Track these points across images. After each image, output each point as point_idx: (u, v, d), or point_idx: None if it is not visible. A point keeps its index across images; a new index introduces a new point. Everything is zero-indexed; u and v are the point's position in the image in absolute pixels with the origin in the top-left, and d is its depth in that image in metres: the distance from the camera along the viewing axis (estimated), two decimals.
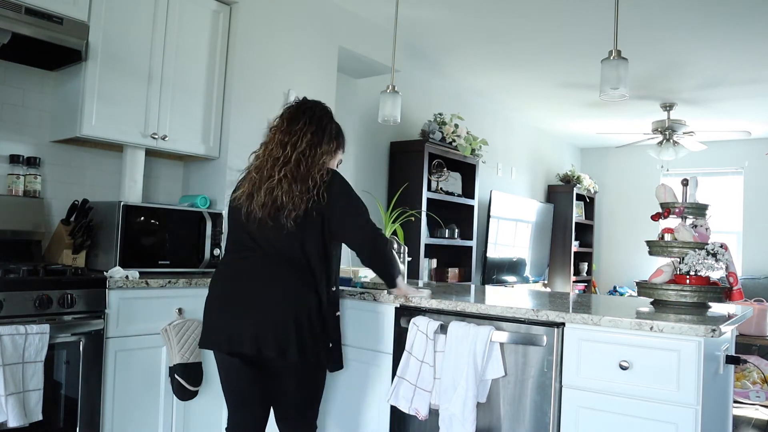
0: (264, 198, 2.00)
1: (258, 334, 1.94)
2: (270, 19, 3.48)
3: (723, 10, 3.79)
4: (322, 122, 2.13)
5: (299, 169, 2.01)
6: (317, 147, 2.07)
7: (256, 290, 2.00)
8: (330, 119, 2.18)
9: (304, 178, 2.00)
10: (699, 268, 2.29)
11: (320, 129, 2.11)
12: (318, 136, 2.09)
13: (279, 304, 1.96)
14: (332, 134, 2.15)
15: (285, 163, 2.02)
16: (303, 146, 2.05)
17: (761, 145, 7.26)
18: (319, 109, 2.17)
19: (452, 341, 2.03)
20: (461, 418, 1.96)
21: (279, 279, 1.99)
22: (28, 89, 2.83)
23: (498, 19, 4.15)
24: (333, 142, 2.15)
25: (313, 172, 2.02)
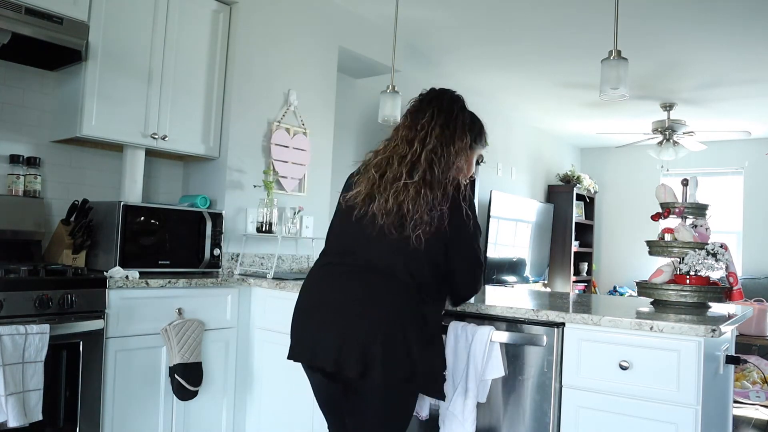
0: (390, 203, 1.72)
1: (341, 349, 1.67)
2: (270, 19, 3.48)
3: (723, 10, 3.79)
4: (452, 113, 1.83)
5: (433, 173, 1.73)
6: (445, 142, 1.78)
7: (347, 303, 1.73)
8: (461, 108, 1.87)
9: (429, 186, 1.72)
10: (699, 268, 2.29)
11: (451, 122, 1.81)
12: (447, 133, 1.79)
13: (370, 319, 1.69)
14: (465, 126, 1.84)
15: (413, 163, 1.75)
16: (431, 145, 1.76)
17: (761, 145, 7.26)
18: (447, 99, 1.88)
19: (452, 341, 2.03)
20: (461, 418, 1.96)
21: (378, 293, 1.72)
22: (28, 89, 2.83)
23: (498, 19, 4.15)
24: (466, 136, 1.84)
25: (441, 178, 1.73)
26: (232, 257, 3.25)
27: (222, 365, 2.80)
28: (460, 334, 2.03)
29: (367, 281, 1.74)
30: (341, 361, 1.67)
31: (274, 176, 3.41)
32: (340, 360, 1.67)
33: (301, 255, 3.62)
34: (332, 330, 1.71)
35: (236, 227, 3.28)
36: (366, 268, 1.76)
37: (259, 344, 2.86)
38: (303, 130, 3.65)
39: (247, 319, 2.91)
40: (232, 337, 2.85)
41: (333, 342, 1.69)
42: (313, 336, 1.76)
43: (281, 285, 2.73)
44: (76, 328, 2.27)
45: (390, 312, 1.70)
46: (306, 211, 3.46)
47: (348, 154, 4.75)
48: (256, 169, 3.37)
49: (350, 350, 1.67)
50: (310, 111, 3.72)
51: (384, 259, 1.75)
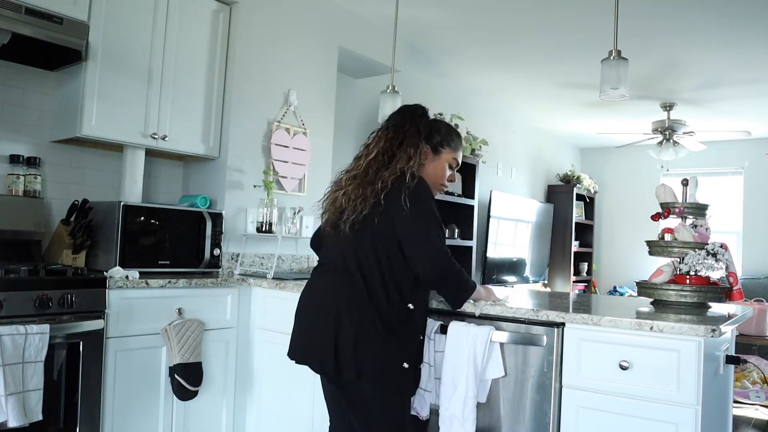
0: (330, 206, 1.95)
1: (306, 346, 1.91)
2: (270, 19, 3.48)
3: (723, 10, 3.79)
4: (402, 127, 1.95)
5: (366, 174, 1.89)
6: (393, 150, 1.90)
7: (311, 302, 1.95)
8: (414, 119, 1.98)
9: (369, 182, 1.86)
10: (699, 268, 2.29)
11: (400, 133, 1.94)
12: (396, 141, 1.92)
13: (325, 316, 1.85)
14: (419, 135, 1.94)
15: (354, 170, 1.94)
16: (373, 154, 1.92)
17: (761, 145, 7.26)
18: (402, 113, 2.01)
19: (452, 341, 2.03)
20: (461, 419, 1.95)
21: (329, 290, 1.89)
22: (28, 89, 2.83)
23: (498, 19, 4.15)
24: (420, 144, 1.94)
25: (383, 174, 1.86)
26: (232, 257, 3.25)
27: (222, 365, 2.80)
28: (460, 333, 2.03)
29: (328, 281, 1.94)
30: (307, 357, 1.89)
31: (274, 176, 3.41)
32: (306, 356, 1.89)
33: (301, 255, 3.62)
34: (306, 331, 1.92)
35: (236, 227, 3.28)
36: (325, 268, 1.99)
37: (259, 344, 2.86)
38: (303, 130, 3.65)
39: (247, 319, 2.91)
40: (232, 337, 2.85)
41: (306, 342, 1.91)
42: (300, 337, 1.96)
43: (281, 285, 2.73)
44: (76, 328, 2.27)
45: (339, 309, 1.83)
46: (306, 211, 3.46)
47: (348, 154, 4.73)
48: (256, 169, 3.37)
49: (315, 349, 1.86)
50: (310, 111, 3.72)
51: (339, 259, 1.92)
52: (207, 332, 2.71)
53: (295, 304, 2.69)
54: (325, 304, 1.88)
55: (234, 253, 3.26)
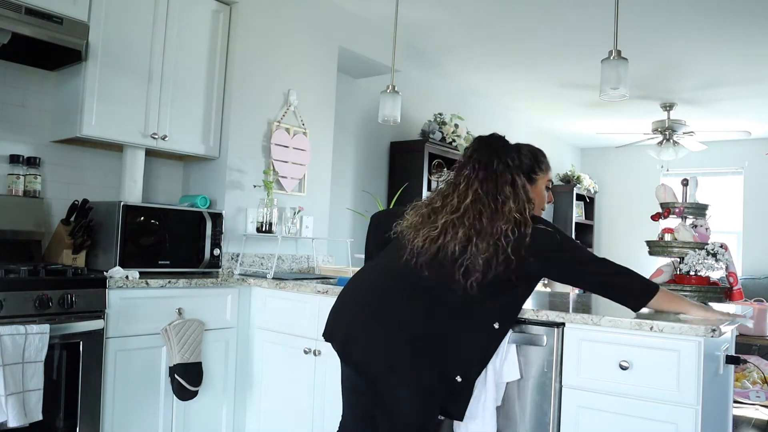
0: (429, 245, 1.80)
1: (367, 345, 1.80)
2: (270, 19, 3.48)
3: (723, 10, 3.79)
4: (492, 164, 1.85)
5: (481, 222, 1.77)
6: (490, 193, 1.81)
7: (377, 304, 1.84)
8: (500, 153, 1.88)
9: (487, 233, 1.75)
10: (699, 268, 2.29)
11: (491, 172, 1.84)
12: (490, 182, 1.82)
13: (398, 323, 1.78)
14: (510, 170, 1.86)
15: (451, 212, 1.81)
16: (470, 198, 1.80)
17: (761, 145, 7.26)
18: (485, 147, 1.89)
19: None
20: (481, 422, 1.93)
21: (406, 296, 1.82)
22: (28, 89, 2.83)
23: (498, 19, 4.15)
24: (517, 177, 1.86)
25: (497, 223, 1.76)
26: (232, 257, 3.25)
27: (222, 365, 2.80)
28: None
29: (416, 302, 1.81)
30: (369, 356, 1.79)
31: (274, 176, 3.41)
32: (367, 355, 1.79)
33: (301, 255, 3.62)
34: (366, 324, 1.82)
35: (236, 227, 3.28)
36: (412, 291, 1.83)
37: (259, 344, 2.86)
38: (303, 130, 3.65)
39: (247, 319, 2.91)
40: (232, 337, 2.85)
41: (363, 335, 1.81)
42: (348, 323, 1.86)
43: (281, 285, 2.73)
44: (76, 328, 2.27)
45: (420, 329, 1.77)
46: (306, 211, 3.46)
47: (348, 154, 4.75)
48: (256, 169, 3.37)
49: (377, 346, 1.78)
50: (310, 111, 3.72)
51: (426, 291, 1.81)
52: (207, 332, 2.71)
53: (295, 304, 2.69)
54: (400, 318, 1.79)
55: (234, 253, 3.26)
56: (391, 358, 1.77)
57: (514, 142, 1.99)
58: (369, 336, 1.81)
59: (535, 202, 1.97)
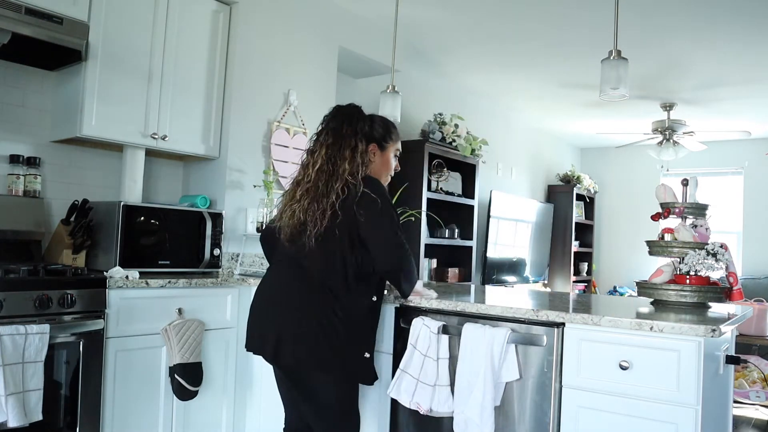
0: (288, 220, 2.02)
1: (263, 337, 2.02)
2: (270, 19, 3.48)
3: (723, 10, 3.79)
4: (340, 130, 2.03)
5: (317, 187, 1.98)
6: (335, 157, 1.99)
7: (271, 297, 2.06)
8: (352, 120, 2.06)
9: (322, 194, 1.96)
10: (699, 268, 2.29)
11: (338, 137, 2.02)
12: (336, 146, 2.01)
13: (282, 308, 2.01)
14: (358, 136, 2.03)
15: (305, 181, 2.01)
16: (318, 163, 2.00)
17: (761, 145, 7.26)
18: (339, 115, 2.08)
19: (467, 343, 2.02)
20: (479, 422, 1.93)
21: (288, 282, 2.02)
22: (28, 89, 2.83)
23: (498, 19, 4.15)
24: (361, 143, 2.03)
25: (332, 185, 1.96)
26: (232, 257, 3.25)
27: (222, 365, 2.80)
28: (476, 335, 2.01)
29: (286, 283, 2.02)
30: (265, 348, 1.99)
31: (274, 176, 3.41)
32: (264, 346, 2.00)
33: None
34: (262, 326, 2.04)
35: (236, 227, 3.28)
36: (287, 267, 2.05)
37: None
38: (303, 130, 3.65)
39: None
40: (232, 337, 2.85)
41: (261, 334, 2.03)
42: (252, 326, 2.10)
43: None
44: (76, 328, 2.27)
45: (298, 309, 1.96)
46: None
47: None
48: (256, 169, 3.37)
49: (267, 342, 1.98)
50: (311, 111, 3.72)
51: (294, 264, 2.02)
52: (207, 332, 2.71)
53: None
54: (288, 301, 1.99)
55: (234, 253, 3.26)
56: (297, 347, 1.94)
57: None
58: (276, 331, 1.97)
59: (379, 167, 2.16)
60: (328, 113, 2.12)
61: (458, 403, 2.00)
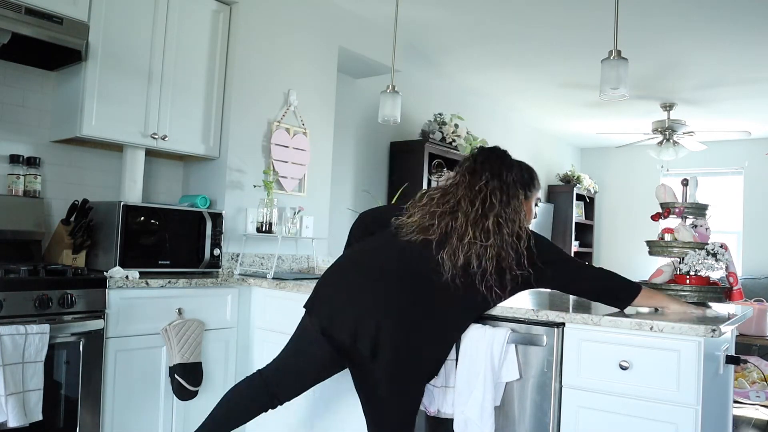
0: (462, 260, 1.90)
1: (357, 324, 1.90)
2: (270, 19, 3.48)
3: (723, 10, 3.79)
4: (500, 176, 2.00)
5: (501, 233, 1.91)
6: (508, 206, 1.96)
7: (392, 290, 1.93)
8: (509, 167, 2.05)
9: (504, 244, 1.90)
10: (699, 268, 2.29)
11: (501, 183, 1.99)
12: (502, 195, 1.97)
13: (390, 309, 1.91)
14: (517, 184, 2.02)
15: (479, 220, 1.93)
16: (496, 208, 1.94)
17: (761, 145, 7.26)
18: (496, 160, 2.05)
19: (467, 343, 2.01)
20: (479, 423, 1.93)
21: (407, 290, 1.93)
22: (28, 89, 2.83)
23: (498, 19, 4.15)
24: (519, 192, 2.02)
25: (505, 236, 1.91)
26: (232, 257, 3.25)
27: (222, 365, 2.80)
28: (476, 336, 2.01)
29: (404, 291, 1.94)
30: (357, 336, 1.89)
31: (274, 176, 3.41)
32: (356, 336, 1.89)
33: (301, 255, 3.62)
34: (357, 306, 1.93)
35: (236, 227, 3.28)
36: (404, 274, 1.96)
37: (259, 344, 2.86)
38: (303, 130, 3.65)
39: (247, 319, 2.91)
40: (232, 337, 2.85)
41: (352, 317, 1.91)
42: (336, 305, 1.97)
43: (281, 285, 2.73)
44: (76, 328, 2.27)
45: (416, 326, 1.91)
46: (306, 211, 3.46)
47: (348, 154, 4.75)
48: (256, 169, 3.37)
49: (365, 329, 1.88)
50: (310, 111, 3.72)
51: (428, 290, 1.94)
52: (207, 332, 2.71)
53: (295, 304, 2.69)
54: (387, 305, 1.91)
55: (234, 253, 3.26)
56: (376, 342, 1.87)
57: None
58: (363, 317, 1.90)
59: (528, 217, 2.12)
60: (478, 152, 2.08)
61: (458, 403, 2.00)
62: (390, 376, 1.92)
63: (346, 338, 1.91)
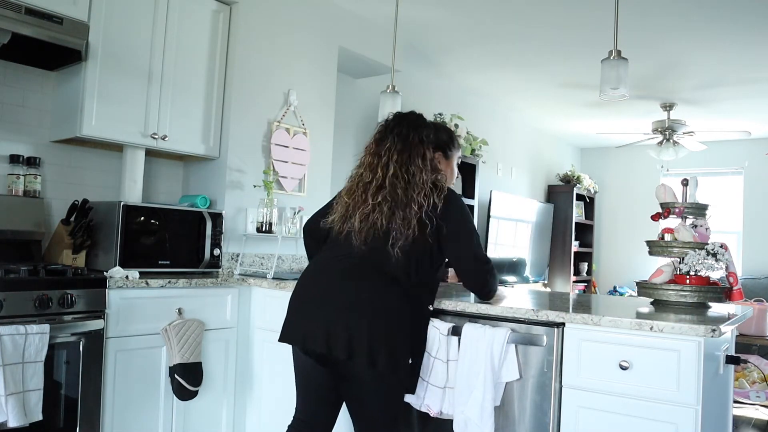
0: (361, 224, 1.94)
1: (329, 333, 1.86)
2: (270, 19, 3.48)
3: (723, 10, 3.79)
4: (408, 137, 2.02)
5: (396, 193, 1.93)
6: (408, 164, 1.97)
7: (333, 288, 1.93)
8: (419, 127, 2.06)
9: (405, 204, 1.92)
10: (699, 268, 2.29)
11: (407, 144, 2.00)
12: (405, 154, 1.98)
13: (357, 305, 1.88)
14: (424, 144, 2.02)
15: (378, 188, 1.95)
16: (392, 169, 1.96)
17: (761, 145, 7.26)
18: (405, 123, 2.06)
19: (467, 343, 2.01)
20: (479, 423, 1.93)
21: (362, 279, 1.92)
22: (28, 89, 2.83)
23: (498, 19, 4.15)
24: (428, 152, 2.02)
25: (412, 194, 1.93)
26: (232, 257, 3.25)
27: (222, 365, 2.80)
28: (476, 336, 2.01)
29: (356, 271, 1.95)
30: (330, 344, 1.86)
31: (274, 176, 3.41)
32: (329, 343, 1.86)
33: (301, 255, 3.62)
34: (321, 314, 1.90)
35: (236, 227, 3.28)
36: (355, 263, 1.96)
37: (259, 344, 2.86)
38: (303, 130, 3.65)
39: (247, 319, 2.91)
40: (232, 337, 2.85)
41: (322, 326, 1.88)
42: (303, 321, 1.95)
43: (281, 285, 2.73)
44: (76, 328, 2.27)
45: (377, 298, 1.90)
46: (306, 211, 3.45)
47: (348, 154, 4.75)
48: (256, 169, 3.37)
49: (338, 333, 1.85)
50: (310, 111, 3.72)
51: (368, 266, 1.95)
52: (207, 332, 2.71)
53: None
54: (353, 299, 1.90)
55: (234, 253, 3.26)
56: (352, 345, 1.85)
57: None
58: (329, 326, 1.87)
59: (447, 174, 2.17)
60: (390, 119, 2.10)
61: (458, 403, 2.00)
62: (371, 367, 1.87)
63: (323, 349, 1.88)
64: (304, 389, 2.09)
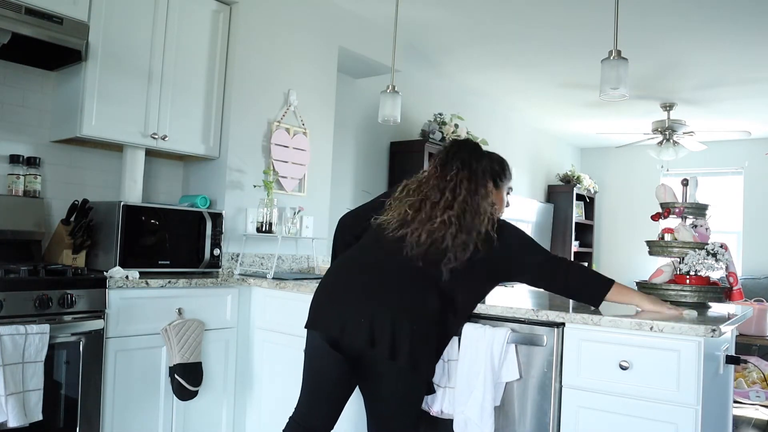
0: (424, 238, 1.95)
1: (374, 329, 1.86)
2: (270, 19, 3.48)
3: (723, 10, 3.79)
4: (470, 166, 2.07)
5: (465, 218, 1.97)
6: (474, 194, 2.02)
7: (381, 286, 1.94)
8: (480, 157, 2.11)
9: (467, 230, 1.95)
10: (699, 268, 2.29)
11: (471, 173, 2.05)
12: (472, 184, 2.03)
13: (404, 308, 1.89)
14: (486, 174, 2.09)
15: (447, 208, 1.98)
16: (461, 196, 2.00)
17: (761, 145, 7.26)
18: (467, 151, 2.10)
19: (467, 343, 2.02)
20: (479, 423, 1.93)
21: (411, 286, 1.94)
22: (28, 89, 2.83)
23: (498, 19, 4.15)
24: (489, 182, 2.09)
25: (479, 223, 1.97)
26: (232, 257, 3.25)
27: (222, 365, 2.80)
28: (475, 336, 2.01)
29: (408, 287, 1.94)
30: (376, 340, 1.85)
31: (274, 176, 3.41)
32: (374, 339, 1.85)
33: (301, 255, 3.62)
34: (369, 313, 1.88)
35: (236, 227, 3.28)
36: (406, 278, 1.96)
37: (259, 344, 2.86)
38: (303, 130, 3.65)
39: (247, 319, 2.91)
40: (232, 337, 2.85)
41: (368, 323, 1.87)
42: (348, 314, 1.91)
43: (281, 285, 2.73)
44: (76, 328, 2.27)
45: (420, 316, 1.89)
46: (306, 211, 3.46)
47: (348, 154, 4.75)
48: (256, 169, 3.37)
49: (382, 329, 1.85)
50: (310, 111, 3.72)
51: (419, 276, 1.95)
52: (207, 332, 2.71)
53: (295, 304, 2.70)
54: (401, 302, 1.91)
55: (234, 253, 3.26)
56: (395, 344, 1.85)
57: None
58: (374, 322, 1.87)
59: (499, 206, 2.20)
60: (450, 145, 2.15)
61: (458, 403, 2.00)
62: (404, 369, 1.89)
63: (362, 344, 1.87)
64: (312, 382, 2.05)
